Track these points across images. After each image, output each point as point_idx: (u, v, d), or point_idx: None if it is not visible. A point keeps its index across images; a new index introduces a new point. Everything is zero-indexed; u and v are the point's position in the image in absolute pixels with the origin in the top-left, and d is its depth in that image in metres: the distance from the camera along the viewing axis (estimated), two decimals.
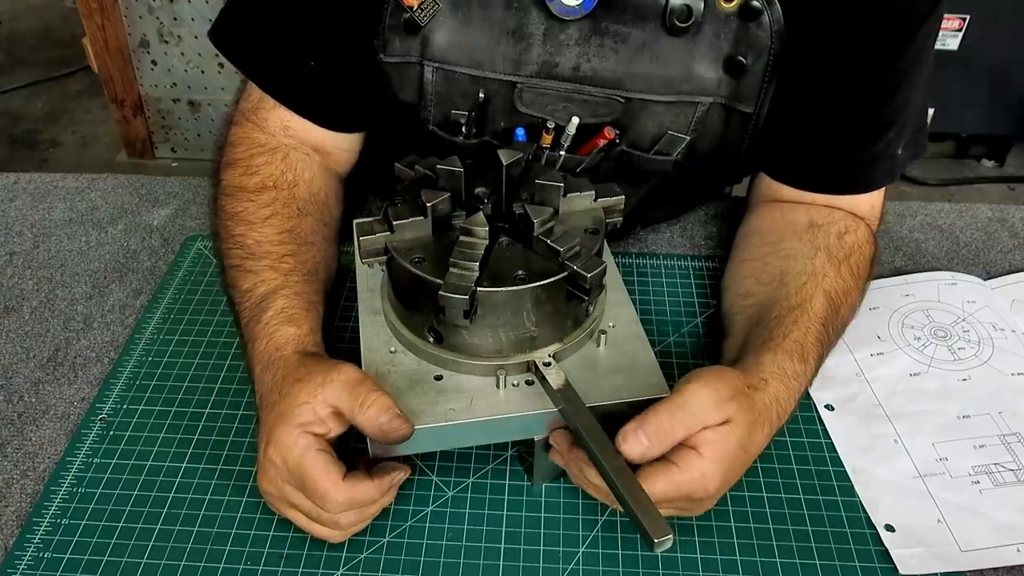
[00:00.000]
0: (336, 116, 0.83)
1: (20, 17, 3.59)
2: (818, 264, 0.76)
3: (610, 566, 0.64)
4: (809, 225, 0.80)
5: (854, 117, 0.79)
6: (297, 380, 0.62)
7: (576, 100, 0.78)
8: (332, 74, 0.81)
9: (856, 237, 0.79)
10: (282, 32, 0.80)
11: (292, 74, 0.81)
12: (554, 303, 0.63)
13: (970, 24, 2.35)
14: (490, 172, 0.68)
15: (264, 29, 0.81)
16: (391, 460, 0.64)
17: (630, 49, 0.76)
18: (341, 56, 0.80)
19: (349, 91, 0.82)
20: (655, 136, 0.80)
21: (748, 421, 0.61)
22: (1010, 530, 0.66)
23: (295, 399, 0.60)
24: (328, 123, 0.83)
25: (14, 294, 0.88)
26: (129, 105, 2.58)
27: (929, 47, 0.79)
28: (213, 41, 0.83)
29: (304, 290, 0.72)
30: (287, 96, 0.81)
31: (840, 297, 0.74)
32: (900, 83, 0.78)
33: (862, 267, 0.78)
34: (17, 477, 0.70)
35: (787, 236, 0.81)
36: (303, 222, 0.78)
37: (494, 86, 0.79)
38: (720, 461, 0.59)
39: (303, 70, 0.80)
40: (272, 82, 0.81)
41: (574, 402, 0.60)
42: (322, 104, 0.82)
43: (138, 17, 2.40)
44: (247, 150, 0.81)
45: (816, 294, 0.73)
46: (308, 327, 0.68)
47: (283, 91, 0.81)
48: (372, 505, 0.63)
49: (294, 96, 0.81)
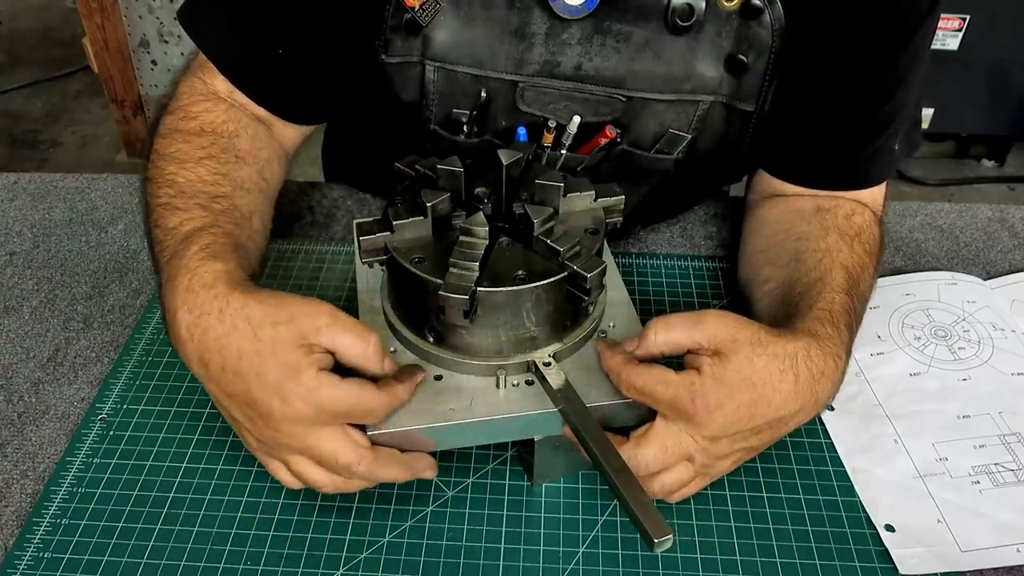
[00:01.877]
0: (294, 107, 0.83)
1: (20, 17, 3.59)
2: (831, 241, 0.76)
3: (610, 566, 0.64)
4: (816, 209, 0.81)
5: (854, 115, 0.80)
6: (276, 323, 0.57)
7: (577, 99, 0.78)
8: (302, 66, 0.80)
9: (863, 218, 0.80)
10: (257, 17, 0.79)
11: (257, 61, 0.80)
12: (554, 303, 0.63)
13: (970, 24, 2.35)
14: (490, 172, 0.68)
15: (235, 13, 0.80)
16: None
17: (632, 48, 0.76)
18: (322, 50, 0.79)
19: (315, 84, 0.82)
20: (656, 135, 0.81)
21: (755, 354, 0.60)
22: (1010, 530, 0.66)
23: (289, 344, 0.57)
24: (285, 113, 0.83)
25: (14, 294, 0.88)
26: (129, 105, 2.58)
27: (927, 46, 0.79)
28: (180, 19, 0.82)
29: (235, 232, 0.68)
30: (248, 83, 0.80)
31: (857, 270, 0.74)
32: (899, 82, 0.78)
33: (873, 245, 0.78)
34: (17, 477, 0.70)
35: (796, 221, 0.81)
36: (241, 168, 0.75)
37: (496, 85, 0.79)
38: (717, 381, 0.59)
39: (269, 58, 0.79)
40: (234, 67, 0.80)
41: (574, 402, 0.60)
42: (282, 94, 0.82)
43: (138, 17, 2.40)
44: (189, 98, 0.80)
45: (834, 267, 0.73)
46: (235, 263, 0.63)
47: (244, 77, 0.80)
48: None
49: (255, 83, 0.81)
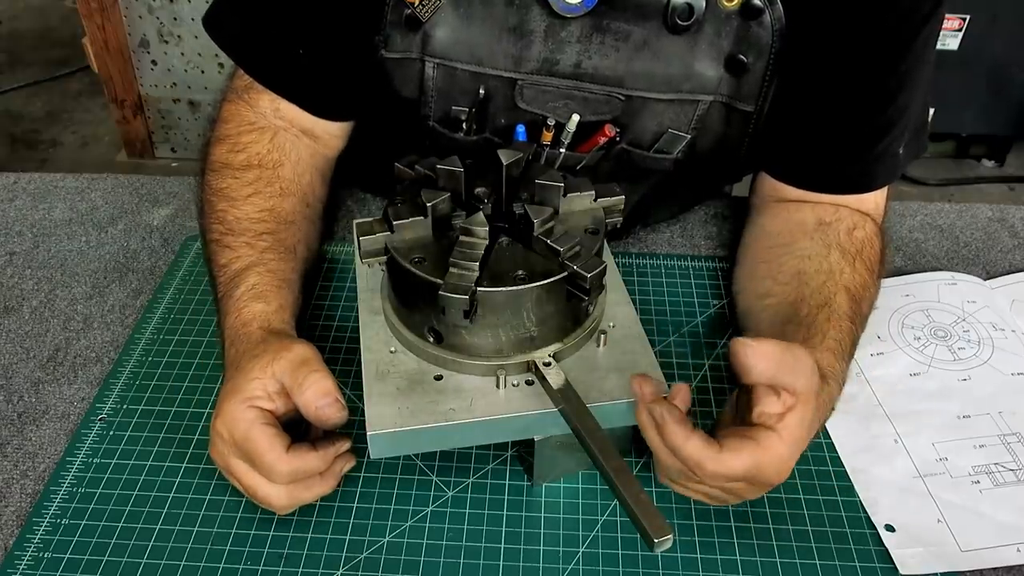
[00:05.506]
0: (324, 104, 0.84)
1: (20, 17, 3.59)
2: (833, 262, 0.76)
3: (610, 566, 0.64)
4: (818, 224, 0.81)
5: (857, 118, 0.79)
6: (253, 356, 0.63)
7: (576, 97, 0.78)
8: (322, 63, 0.81)
9: (865, 232, 0.80)
10: (272, 20, 0.81)
11: (280, 61, 0.82)
12: (554, 303, 0.63)
13: (970, 24, 2.35)
14: (490, 172, 0.68)
15: (255, 16, 0.82)
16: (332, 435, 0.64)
17: (631, 47, 0.76)
18: (334, 47, 0.80)
19: (339, 80, 0.83)
20: (655, 134, 0.80)
21: (815, 409, 0.60)
22: (1010, 530, 0.66)
23: (247, 374, 0.62)
24: (315, 110, 0.84)
25: (14, 294, 0.88)
26: (129, 105, 2.58)
27: (931, 47, 0.79)
28: (205, 26, 0.84)
29: (278, 268, 0.73)
30: (274, 82, 0.82)
31: (859, 291, 0.74)
32: (902, 85, 0.78)
33: (874, 261, 0.78)
34: (17, 477, 0.70)
35: (798, 236, 0.81)
36: (284, 202, 0.79)
37: (495, 83, 0.79)
38: (796, 445, 0.58)
39: (292, 58, 0.81)
40: (260, 68, 0.82)
41: (574, 402, 0.60)
42: (310, 92, 0.83)
43: (138, 17, 2.40)
44: (236, 127, 0.82)
45: (838, 291, 0.73)
46: (277, 304, 0.70)
47: (270, 77, 0.82)
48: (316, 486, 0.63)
49: (281, 82, 0.82)
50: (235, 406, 0.61)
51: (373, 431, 0.61)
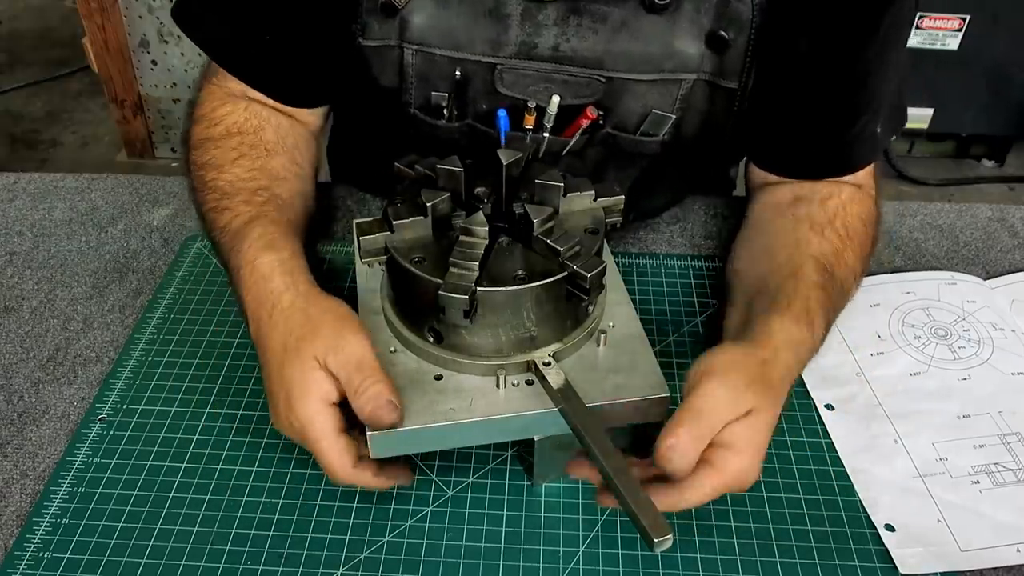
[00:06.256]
0: (293, 92, 0.84)
1: (20, 17, 3.59)
2: (800, 234, 0.77)
3: (610, 566, 0.64)
4: (793, 200, 0.82)
5: (828, 102, 0.79)
6: (301, 337, 0.62)
7: (556, 81, 0.78)
8: (292, 52, 0.81)
9: (839, 199, 0.80)
10: (241, 8, 0.81)
11: (248, 49, 0.82)
12: (554, 303, 0.63)
13: (970, 24, 2.35)
14: (490, 172, 0.68)
15: (224, 5, 0.82)
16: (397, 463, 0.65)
17: (609, 28, 0.76)
18: (307, 35, 0.80)
19: (309, 69, 0.83)
20: (640, 116, 0.80)
21: (769, 403, 0.61)
22: (1010, 530, 0.66)
23: (304, 363, 0.61)
24: (284, 99, 0.84)
25: (14, 294, 0.88)
26: (129, 105, 2.58)
27: (901, 30, 0.79)
28: (174, 17, 0.84)
29: (279, 218, 0.73)
30: (242, 70, 0.83)
31: (830, 259, 0.74)
32: (870, 70, 0.78)
33: (851, 226, 0.78)
34: (17, 477, 0.70)
35: (772, 216, 0.82)
36: (272, 160, 0.80)
37: (474, 68, 0.78)
38: (756, 450, 0.59)
39: (260, 46, 0.81)
40: (228, 56, 0.83)
41: (574, 402, 0.60)
42: (278, 80, 0.83)
43: (138, 17, 2.40)
44: (211, 105, 0.83)
45: (805, 261, 0.73)
46: (289, 250, 0.69)
47: (238, 65, 0.83)
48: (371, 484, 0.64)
49: (248, 71, 0.83)
50: (310, 405, 0.60)
51: (373, 431, 0.61)
